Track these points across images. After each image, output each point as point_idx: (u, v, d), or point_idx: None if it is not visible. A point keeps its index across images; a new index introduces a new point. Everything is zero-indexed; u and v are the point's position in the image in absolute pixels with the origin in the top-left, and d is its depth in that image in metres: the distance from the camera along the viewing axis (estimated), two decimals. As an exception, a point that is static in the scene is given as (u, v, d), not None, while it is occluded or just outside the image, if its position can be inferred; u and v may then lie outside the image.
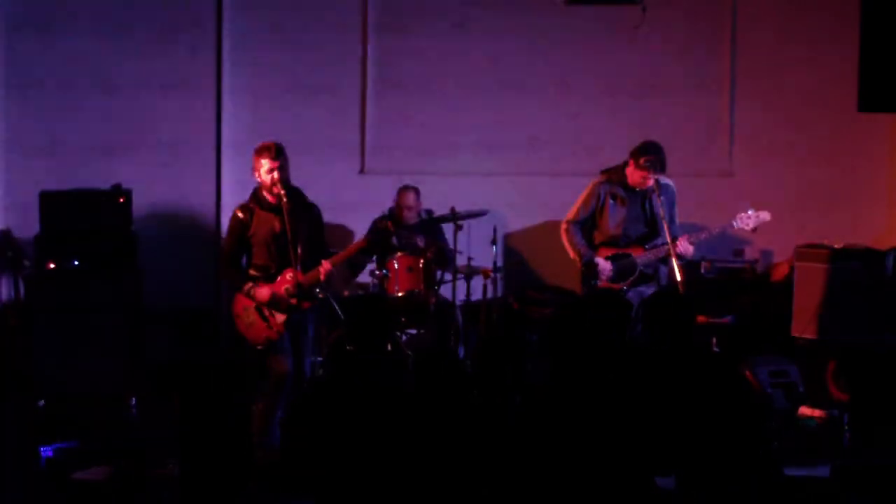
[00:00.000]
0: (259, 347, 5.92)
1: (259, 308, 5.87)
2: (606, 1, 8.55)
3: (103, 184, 7.62)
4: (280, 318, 5.87)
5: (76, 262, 7.22)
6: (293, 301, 5.86)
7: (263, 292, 5.84)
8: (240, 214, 5.97)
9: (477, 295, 7.96)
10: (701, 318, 7.39)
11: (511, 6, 8.63)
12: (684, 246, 6.47)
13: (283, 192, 5.79)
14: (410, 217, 7.90)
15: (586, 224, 6.71)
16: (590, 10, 8.58)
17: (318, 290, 6.02)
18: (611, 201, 6.63)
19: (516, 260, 8.66)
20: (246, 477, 5.59)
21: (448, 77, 8.69)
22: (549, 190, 8.36)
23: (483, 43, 8.65)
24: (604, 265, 6.56)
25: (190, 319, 7.95)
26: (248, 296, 5.88)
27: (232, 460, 5.73)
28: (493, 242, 7.87)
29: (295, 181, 6.09)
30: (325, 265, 5.87)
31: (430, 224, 7.94)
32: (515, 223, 8.62)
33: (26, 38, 8.32)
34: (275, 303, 5.86)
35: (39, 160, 8.26)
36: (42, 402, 6.76)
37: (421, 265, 7.35)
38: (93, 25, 8.35)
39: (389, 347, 7.40)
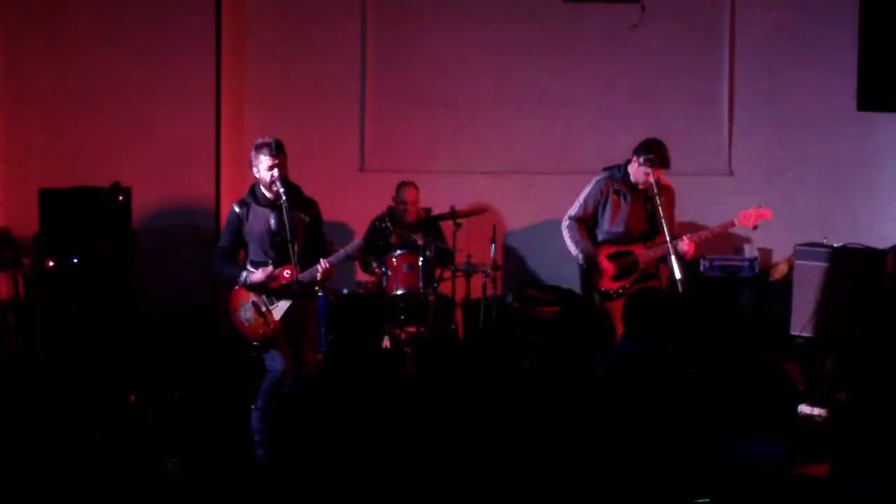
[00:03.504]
0: (256, 344, 5.89)
1: (255, 304, 5.86)
2: (606, -1, 8.59)
3: (102, 183, 7.61)
4: (277, 314, 5.85)
5: (75, 260, 7.21)
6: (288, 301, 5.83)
7: (258, 275, 5.82)
8: (237, 210, 5.95)
9: (476, 293, 7.95)
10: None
11: (510, 5, 8.64)
12: (686, 245, 6.47)
13: (281, 188, 5.77)
14: (410, 213, 7.89)
15: (588, 221, 6.70)
16: (589, 8, 8.60)
17: (316, 287, 6.00)
18: (613, 198, 6.62)
19: (516, 258, 8.66)
20: (245, 476, 5.60)
21: (447, 76, 8.70)
22: (548, 188, 8.37)
23: (482, 42, 8.66)
24: (607, 265, 6.55)
25: (188, 318, 7.94)
26: (244, 285, 5.86)
27: (231, 459, 5.74)
28: (493, 241, 7.87)
29: (294, 180, 6.07)
30: (324, 264, 5.84)
31: (430, 222, 7.93)
32: (515, 222, 8.62)
33: (27, 39, 8.31)
34: (271, 291, 5.84)
35: (39, 158, 8.26)
36: (41, 400, 6.75)
37: (420, 263, 7.34)
38: (93, 26, 8.34)
39: (389, 345, 7.39)
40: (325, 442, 6.00)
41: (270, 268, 5.80)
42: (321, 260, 5.83)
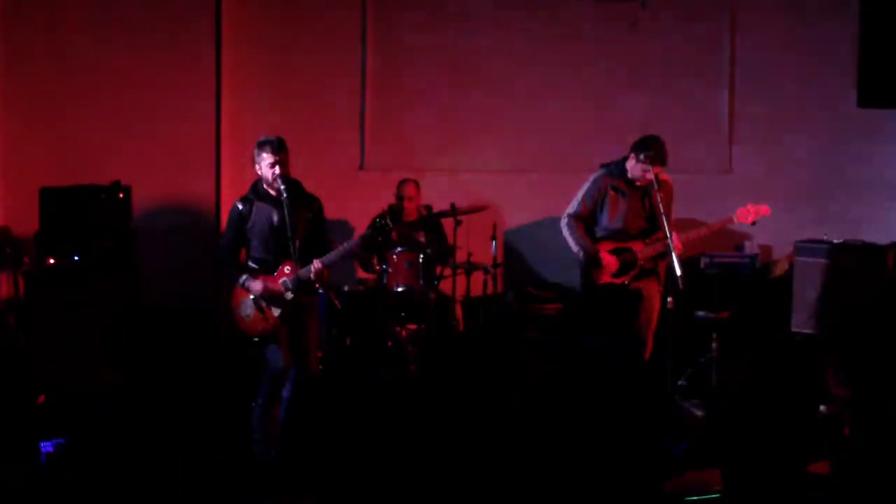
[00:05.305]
0: (255, 340, 5.89)
1: (255, 301, 5.86)
2: (607, -3, 8.60)
3: (103, 181, 7.61)
4: (276, 311, 5.85)
5: (76, 259, 7.21)
6: (289, 295, 5.83)
7: (257, 285, 5.83)
8: (239, 207, 5.95)
9: (477, 291, 7.96)
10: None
11: (512, 4, 8.63)
12: (674, 244, 6.46)
13: (282, 185, 5.78)
14: (411, 209, 7.90)
15: (587, 218, 6.70)
16: (590, 5, 8.60)
17: (317, 284, 6.00)
18: (612, 195, 6.62)
19: (516, 256, 8.66)
20: (245, 474, 5.60)
21: (447, 74, 8.70)
22: (548, 185, 8.37)
23: (483, 39, 8.66)
24: (608, 259, 6.55)
25: (189, 316, 7.94)
26: (244, 288, 5.87)
27: (231, 457, 5.75)
28: (493, 238, 7.88)
29: (294, 177, 6.07)
30: (317, 265, 5.83)
31: (430, 220, 7.93)
32: (515, 219, 8.63)
33: (28, 36, 8.31)
34: (269, 296, 5.85)
35: (39, 157, 8.26)
36: (41, 399, 6.75)
37: (421, 261, 7.34)
38: (95, 24, 8.35)
39: (389, 343, 7.40)
40: (326, 440, 6.01)
41: (269, 283, 5.81)
42: (314, 260, 5.83)
